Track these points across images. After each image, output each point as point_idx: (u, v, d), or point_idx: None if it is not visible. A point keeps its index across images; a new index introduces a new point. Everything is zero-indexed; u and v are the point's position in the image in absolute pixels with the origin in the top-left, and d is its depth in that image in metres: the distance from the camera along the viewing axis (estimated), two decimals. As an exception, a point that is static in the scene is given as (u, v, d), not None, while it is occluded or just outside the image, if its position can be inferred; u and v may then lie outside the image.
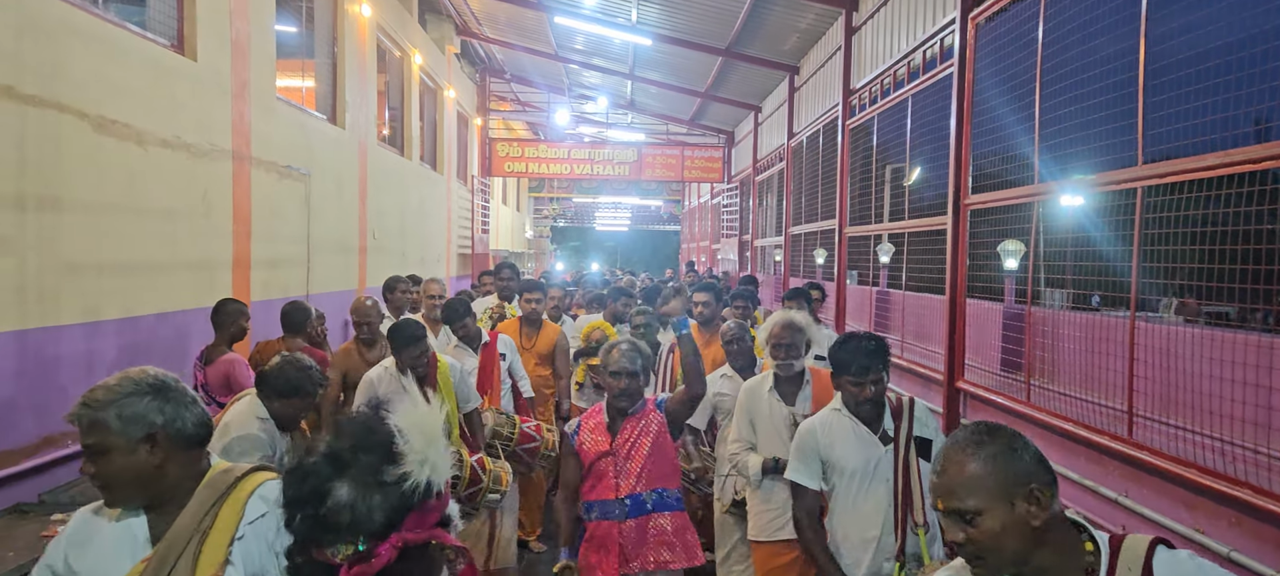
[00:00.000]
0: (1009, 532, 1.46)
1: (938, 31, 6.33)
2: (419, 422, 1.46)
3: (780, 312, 3.71)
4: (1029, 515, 1.45)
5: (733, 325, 4.27)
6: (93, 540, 1.87)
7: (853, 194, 8.82)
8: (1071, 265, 4.70)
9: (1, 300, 3.93)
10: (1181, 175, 3.51)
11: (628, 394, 3.15)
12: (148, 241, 5.15)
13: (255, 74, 6.57)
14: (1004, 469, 1.47)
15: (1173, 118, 3.62)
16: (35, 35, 4.11)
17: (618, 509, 3.12)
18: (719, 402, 4.11)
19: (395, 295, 6.24)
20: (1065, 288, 4.84)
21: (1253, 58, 3.17)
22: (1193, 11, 3.65)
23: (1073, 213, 4.73)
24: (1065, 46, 4.56)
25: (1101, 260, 4.43)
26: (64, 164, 4.34)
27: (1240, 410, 3.08)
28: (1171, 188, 3.64)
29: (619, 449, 3.15)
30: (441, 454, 1.47)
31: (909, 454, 2.88)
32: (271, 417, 3.11)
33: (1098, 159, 4.25)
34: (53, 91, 4.23)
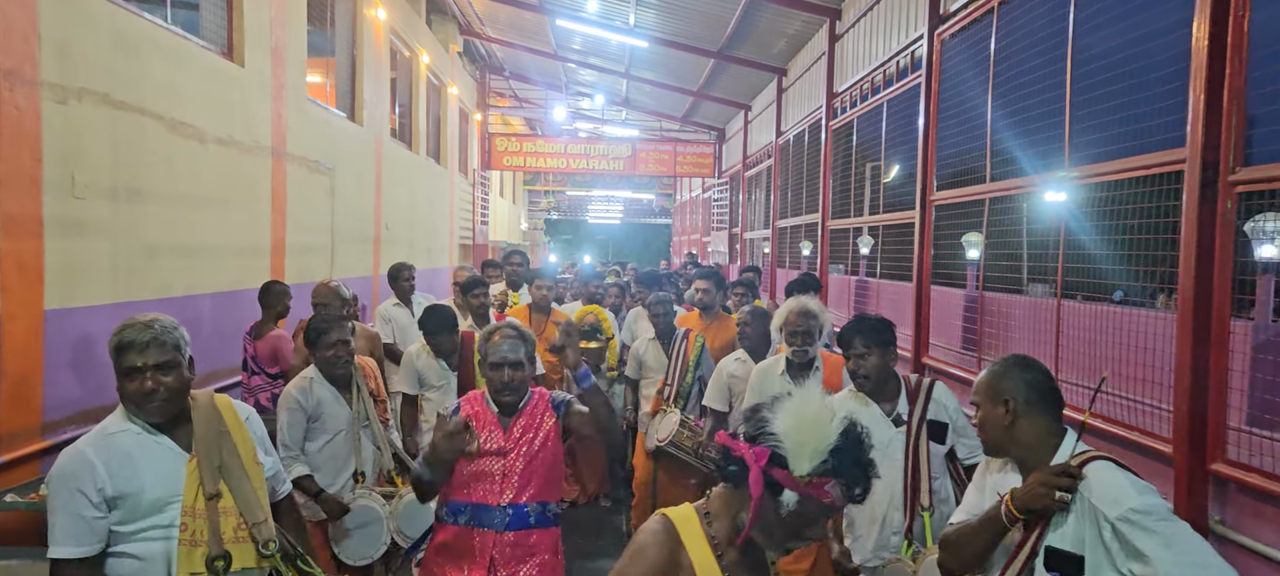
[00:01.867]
0: (989, 424, 2.21)
1: (908, 44, 7.03)
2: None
3: (795, 299, 3.88)
4: (1001, 415, 2.16)
5: (748, 309, 4.62)
6: (134, 457, 2.24)
7: (835, 189, 9.52)
8: (1024, 256, 5.40)
9: (99, 277, 4.58)
10: (1098, 177, 4.21)
11: (512, 387, 2.78)
12: (206, 228, 5.80)
13: (290, 77, 7.21)
14: (994, 382, 2.20)
15: (1094, 126, 4.33)
16: (125, 49, 4.76)
17: (498, 517, 2.70)
18: (732, 384, 4.43)
19: (399, 283, 6.74)
20: (1045, 281, 5.45)
21: (1148, 68, 3.87)
22: (1108, 28, 4.35)
23: (1031, 207, 5.42)
24: (1013, 62, 5.25)
25: (1041, 250, 5.13)
26: (144, 160, 4.98)
27: (1134, 371, 3.79)
28: (1113, 185, 4.29)
29: (509, 448, 2.76)
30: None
31: (920, 436, 3.01)
32: (321, 371, 3.67)
33: (1038, 160, 4.95)
34: (137, 97, 4.87)
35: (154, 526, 2.25)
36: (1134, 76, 4.01)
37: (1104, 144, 4.30)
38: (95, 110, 4.48)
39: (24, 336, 3.97)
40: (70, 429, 4.25)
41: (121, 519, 2.22)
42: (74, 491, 2.16)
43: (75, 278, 4.36)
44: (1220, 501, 3.29)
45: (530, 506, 2.73)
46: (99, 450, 2.21)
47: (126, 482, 2.21)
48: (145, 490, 2.23)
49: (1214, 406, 3.26)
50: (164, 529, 2.26)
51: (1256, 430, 3.17)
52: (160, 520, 2.26)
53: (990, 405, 2.20)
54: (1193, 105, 3.37)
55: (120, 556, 2.24)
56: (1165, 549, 1.88)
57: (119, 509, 2.21)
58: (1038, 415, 2.17)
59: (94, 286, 4.53)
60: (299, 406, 3.56)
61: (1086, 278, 4.39)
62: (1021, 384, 2.18)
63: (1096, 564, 2.02)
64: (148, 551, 2.25)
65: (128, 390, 2.26)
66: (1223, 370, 3.24)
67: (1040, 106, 4.82)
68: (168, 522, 2.26)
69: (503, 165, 18.17)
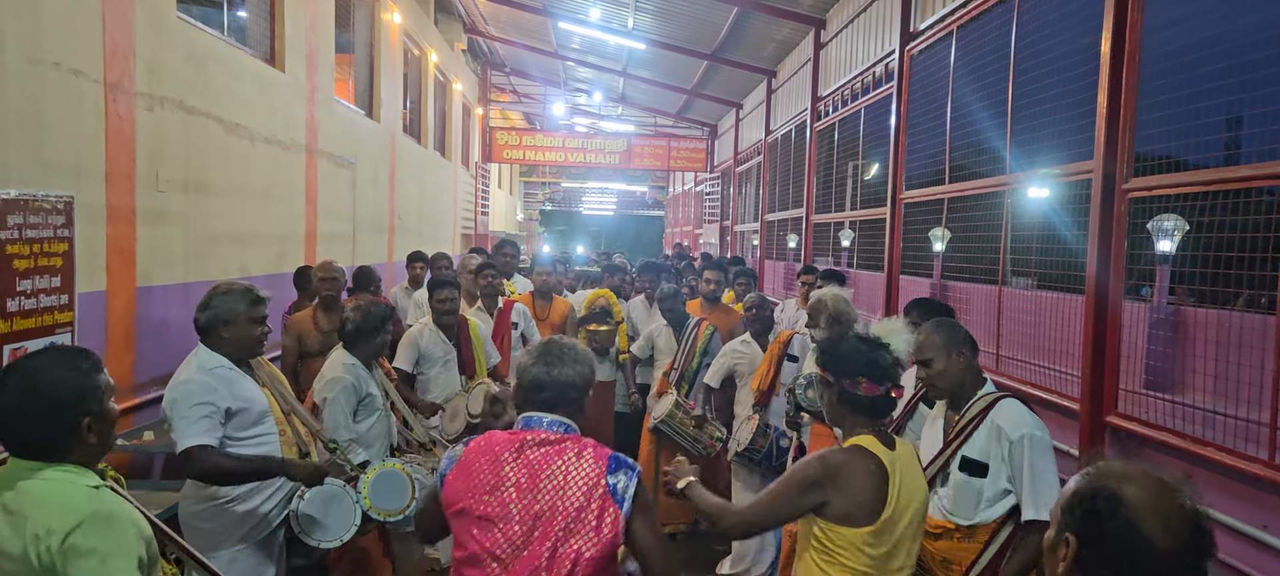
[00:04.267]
0: (949, 373, 2.85)
1: (882, 57, 7.78)
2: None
3: (832, 290, 4.43)
4: (959, 363, 2.84)
5: (755, 295, 5.16)
6: (237, 382, 3.00)
7: (818, 186, 10.27)
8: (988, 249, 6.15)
9: (175, 260, 5.29)
10: (1027, 182, 4.97)
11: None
12: (254, 218, 6.51)
13: (321, 80, 7.91)
14: (948, 340, 2.87)
15: (1030, 136, 5.09)
16: (194, 61, 5.47)
17: None
18: (737, 364, 5.02)
19: (413, 268, 7.44)
20: (1029, 276, 6.11)
21: (1069, 81, 4.62)
22: (1043, 52, 5.09)
23: (989, 207, 6.17)
24: (969, 78, 6.01)
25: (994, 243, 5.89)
26: (208, 158, 5.69)
27: (1051, 344, 4.56)
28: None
29: (527, 498, 2.08)
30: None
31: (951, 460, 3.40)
32: (359, 361, 3.82)
33: (987, 165, 5.71)
34: (204, 103, 5.58)
35: (266, 431, 3.09)
36: (1064, 93, 4.77)
37: (1039, 152, 5.07)
38: (173, 115, 5.19)
39: (122, 309, 4.69)
40: (153, 389, 4.96)
41: (237, 425, 2.98)
42: (205, 401, 2.87)
43: (157, 260, 5.07)
44: (1115, 446, 4.06)
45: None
46: (214, 376, 2.96)
47: (240, 399, 3.00)
48: (253, 404, 3.04)
49: (1109, 371, 4.03)
50: (270, 433, 3.10)
51: (1150, 392, 3.94)
52: (264, 427, 3.09)
53: (939, 357, 2.90)
54: (1098, 119, 4.12)
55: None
56: (1029, 474, 2.67)
57: (235, 417, 2.98)
58: (970, 362, 2.92)
59: (171, 268, 5.25)
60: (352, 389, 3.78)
61: (1022, 270, 5.16)
62: (964, 338, 2.93)
63: (996, 472, 2.79)
64: (260, 452, 3.05)
65: (254, 333, 3.09)
66: (1116, 342, 4.01)
67: (990, 118, 5.57)
68: (269, 429, 3.10)
69: (503, 158, 18.86)
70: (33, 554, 1.73)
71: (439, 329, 4.92)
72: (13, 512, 1.77)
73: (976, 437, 2.83)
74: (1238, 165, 3.52)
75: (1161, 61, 4.01)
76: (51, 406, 1.83)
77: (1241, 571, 3.17)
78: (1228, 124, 3.79)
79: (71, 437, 1.85)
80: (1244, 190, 3.29)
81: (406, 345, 4.86)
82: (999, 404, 2.86)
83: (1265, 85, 3.31)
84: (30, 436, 1.83)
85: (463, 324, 5.00)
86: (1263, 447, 3.09)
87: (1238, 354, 3.32)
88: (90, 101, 4.35)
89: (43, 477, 1.82)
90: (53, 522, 1.74)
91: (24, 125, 3.86)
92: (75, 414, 1.85)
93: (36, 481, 1.81)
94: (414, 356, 4.85)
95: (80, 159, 4.29)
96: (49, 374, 1.85)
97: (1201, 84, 3.67)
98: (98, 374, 1.92)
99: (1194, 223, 3.87)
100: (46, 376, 1.85)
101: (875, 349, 2.46)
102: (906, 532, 2.34)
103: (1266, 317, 3.24)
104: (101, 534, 1.76)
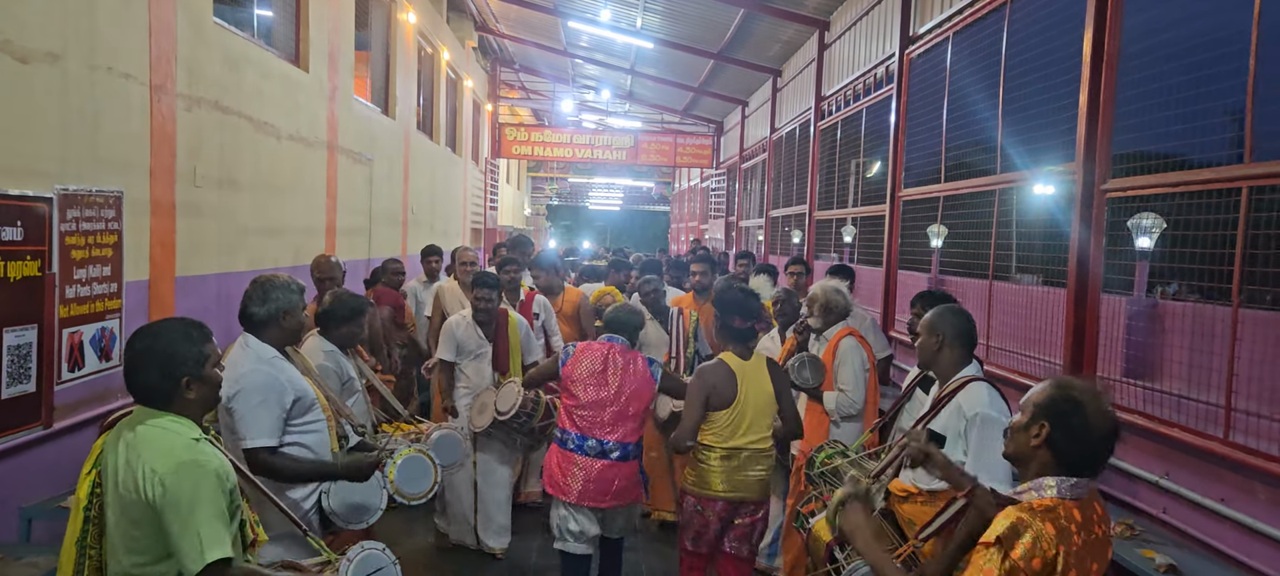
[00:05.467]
0: (925, 348, 3.17)
1: (883, 60, 8.05)
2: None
3: (824, 282, 4.72)
4: (933, 343, 3.15)
5: (781, 289, 5.42)
6: (292, 372, 3.13)
7: (821, 183, 10.55)
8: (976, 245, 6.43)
9: (209, 251, 5.60)
10: (1016, 183, 5.25)
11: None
12: (280, 212, 6.82)
13: (341, 80, 8.21)
14: (933, 321, 3.17)
15: (1020, 137, 5.37)
16: (229, 63, 5.77)
17: (609, 448, 3.89)
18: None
19: (429, 261, 7.73)
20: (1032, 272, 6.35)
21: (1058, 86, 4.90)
22: (1032, 57, 5.36)
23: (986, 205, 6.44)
24: (964, 82, 6.28)
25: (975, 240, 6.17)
26: (239, 155, 6.00)
27: (1036, 334, 4.84)
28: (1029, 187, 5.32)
29: (612, 397, 3.90)
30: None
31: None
32: (335, 347, 3.95)
33: (981, 165, 5.99)
34: (236, 103, 5.88)
35: (316, 420, 3.24)
36: (1052, 97, 5.04)
37: (1028, 153, 5.35)
38: (209, 115, 5.50)
39: (165, 297, 5.00)
40: (191, 373, 5.27)
41: (296, 414, 3.13)
42: (273, 398, 2.97)
43: (194, 251, 5.38)
44: (1092, 431, 4.34)
45: (629, 447, 3.98)
46: (274, 366, 3.06)
47: (297, 388, 3.12)
48: (306, 393, 3.20)
49: (1088, 357, 4.31)
50: (320, 421, 3.26)
51: (1128, 379, 4.23)
52: (314, 415, 3.23)
53: (928, 336, 3.21)
54: (1079, 123, 4.40)
55: (298, 447, 3.15)
56: (975, 450, 2.96)
57: (296, 407, 3.13)
58: (957, 348, 3.20)
59: (206, 258, 5.56)
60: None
61: (1025, 266, 5.45)
62: (950, 325, 3.22)
63: (952, 444, 3.08)
64: (315, 441, 3.22)
65: (300, 321, 3.25)
66: (1095, 333, 4.30)
67: (983, 121, 5.85)
68: (319, 416, 3.25)
69: (512, 154, 19.16)
70: (140, 486, 2.08)
71: (476, 324, 5.08)
72: (131, 448, 2.13)
73: (944, 414, 3.13)
74: (1207, 167, 3.80)
75: (1166, 62, 4.26)
76: (162, 362, 2.17)
77: (1203, 542, 3.46)
78: (1204, 127, 4.07)
79: (176, 391, 2.19)
80: (1206, 191, 3.57)
81: (445, 336, 5.07)
82: (968, 386, 3.15)
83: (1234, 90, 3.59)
84: (146, 384, 2.18)
85: (501, 319, 5.11)
86: (1220, 427, 3.38)
87: (1203, 343, 3.60)
88: (137, 103, 4.65)
89: (155, 424, 2.16)
90: (155, 463, 2.08)
91: (82, 125, 4.17)
92: (180, 372, 2.18)
93: (150, 426, 2.16)
94: (453, 347, 5.05)
95: (128, 156, 4.59)
96: (165, 337, 2.21)
97: (1186, 83, 3.93)
98: (204, 344, 2.26)
99: (1171, 221, 4.15)
100: (163, 339, 2.20)
101: (748, 297, 3.82)
102: (751, 414, 3.71)
103: (1223, 309, 3.52)
104: (191, 480, 2.08)
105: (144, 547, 2.12)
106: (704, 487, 3.75)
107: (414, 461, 3.61)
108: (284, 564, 2.53)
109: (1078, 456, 2.04)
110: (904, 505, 3.28)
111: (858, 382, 4.36)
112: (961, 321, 3.26)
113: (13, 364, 3.65)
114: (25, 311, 3.73)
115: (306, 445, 3.19)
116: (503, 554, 5.25)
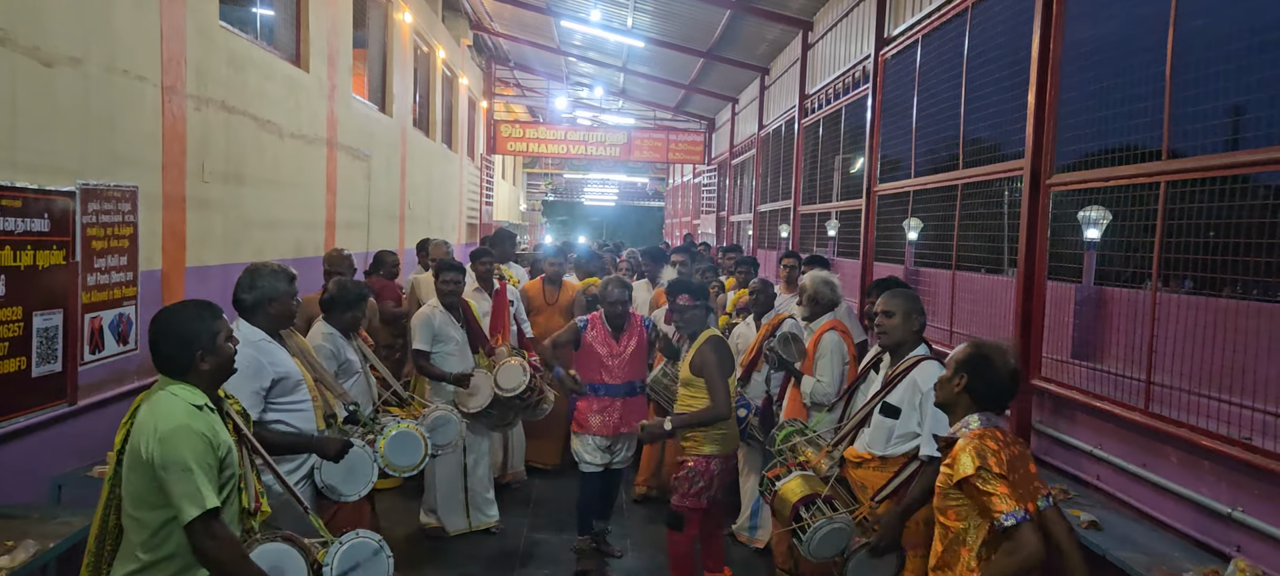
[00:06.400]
0: (893, 326, 3.51)
1: (860, 60, 8.38)
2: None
3: (815, 274, 5.00)
4: (899, 323, 3.50)
5: (759, 280, 5.66)
6: (276, 353, 3.38)
7: (806, 179, 10.88)
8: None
9: (216, 243, 5.92)
10: (977, 177, 5.59)
11: (618, 314, 4.87)
12: (282, 206, 7.14)
13: (340, 79, 8.53)
14: (908, 305, 3.52)
15: (982, 133, 5.71)
16: (234, 65, 6.09)
17: (621, 389, 4.93)
18: (737, 343, 5.57)
19: (427, 254, 8.07)
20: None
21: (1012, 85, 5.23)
22: (998, 61, 5.70)
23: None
24: (932, 82, 6.62)
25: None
26: (244, 152, 6.32)
27: (991, 319, 5.18)
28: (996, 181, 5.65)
29: (621, 350, 4.94)
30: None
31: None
32: (336, 331, 4.33)
33: (947, 161, 6.32)
34: (241, 102, 6.20)
35: (301, 399, 3.51)
36: (1007, 98, 5.38)
37: (987, 150, 5.69)
38: (216, 114, 5.82)
39: (175, 287, 5.32)
40: (200, 358, 5.59)
41: (279, 393, 3.39)
42: (251, 376, 3.22)
43: (202, 243, 5.70)
44: (1040, 405, 4.69)
45: (636, 382, 5.01)
46: (258, 349, 3.32)
47: (280, 368, 3.39)
48: (291, 373, 3.48)
49: (1035, 340, 4.65)
50: (305, 401, 3.53)
51: (1074, 359, 4.57)
52: (300, 395, 3.51)
53: (904, 317, 3.56)
54: (1028, 121, 4.74)
55: (282, 425, 3.41)
56: (929, 422, 3.30)
57: (278, 385, 3.40)
58: (914, 323, 3.54)
59: (212, 250, 5.88)
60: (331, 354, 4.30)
61: (973, 255, 5.79)
62: (918, 308, 3.56)
63: (907, 416, 3.43)
64: (299, 419, 3.49)
65: (291, 308, 3.52)
66: (1041, 316, 4.64)
67: (948, 119, 6.19)
68: (305, 396, 3.53)
69: (507, 150, 19.47)
70: (143, 445, 2.37)
71: (447, 310, 5.33)
72: (148, 409, 2.45)
73: (899, 388, 3.47)
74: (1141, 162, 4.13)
75: (1099, 67, 4.62)
76: (179, 337, 2.50)
77: (1128, 503, 3.80)
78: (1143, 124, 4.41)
79: (191, 362, 2.51)
80: (1130, 186, 3.91)
81: (422, 326, 5.24)
82: (921, 364, 3.49)
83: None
84: (167, 356, 2.51)
85: (464, 307, 5.43)
86: (1140, 398, 3.72)
87: (1130, 325, 3.95)
88: (150, 103, 4.98)
89: (167, 390, 2.48)
90: (157, 424, 2.38)
91: (101, 124, 4.50)
92: (195, 346, 2.51)
93: (162, 392, 2.48)
94: (428, 335, 5.26)
95: (142, 153, 4.91)
96: (181, 315, 2.55)
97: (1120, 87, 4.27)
98: (215, 321, 2.58)
99: (1115, 214, 4.50)
100: (179, 316, 2.54)
101: (693, 282, 4.58)
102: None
103: (1143, 293, 3.87)
104: (184, 441, 2.36)
105: (139, 496, 2.41)
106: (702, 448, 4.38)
107: (404, 436, 3.85)
108: (284, 534, 2.77)
109: (991, 398, 2.70)
110: (857, 470, 3.66)
111: (834, 377, 4.61)
112: (916, 305, 3.61)
113: (41, 345, 3.98)
114: (52, 297, 4.05)
115: (290, 423, 3.44)
116: (497, 527, 5.59)
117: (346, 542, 2.80)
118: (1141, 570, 3.10)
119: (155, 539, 2.42)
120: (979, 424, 2.67)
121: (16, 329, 3.80)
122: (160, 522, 2.41)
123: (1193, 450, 3.41)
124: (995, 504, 2.48)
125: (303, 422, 3.50)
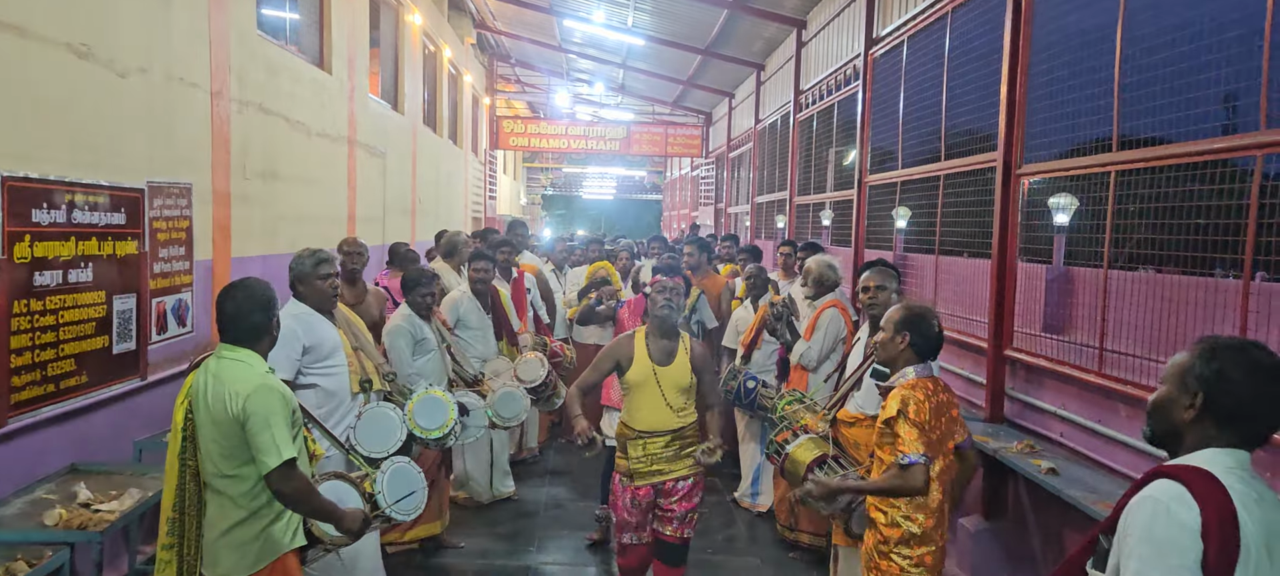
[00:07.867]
0: (885, 301, 4.02)
1: (851, 58, 8.86)
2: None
3: (818, 258, 5.48)
4: (884, 298, 4.02)
5: (755, 266, 6.21)
6: (314, 324, 3.84)
7: (800, 171, 11.36)
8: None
9: (255, 236, 6.40)
10: (956, 169, 6.08)
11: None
12: (309, 201, 7.61)
13: (358, 80, 9.00)
14: (885, 281, 4.04)
15: (961, 128, 6.20)
16: (270, 70, 6.56)
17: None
18: (738, 326, 6.17)
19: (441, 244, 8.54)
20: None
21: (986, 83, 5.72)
22: (975, 59, 6.18)
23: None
24: (916, 79, 7.10)
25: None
26: (278, 151, 6.79)
27: (970, 298, 5.67)
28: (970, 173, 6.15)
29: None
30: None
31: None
32: (413, 311, 4.90)
33: (930, 153, 6.80)
34: (275, 105, 6.68)
35: (336, 364, 3.97)
36: (983, 94, 5.86)
37: (982, 138, 6.17)
38: (255, 116, 6.29)
39: (222, 276, 5.80)
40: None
41: (313, 359, 3.86)
42: (287, 343, 3.59)
43: (243, 236, 6.18)
44: (1013, 374, 5.19)
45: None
46: (296, 320, 3.80)
47: (313, 336, 3.86)
48: (324, 342, 3.93)
49: (1007, 316, 5.15)
50: (340, 365, 3.99)
51: (1043, 332, 5.06)
52: (335, 360, 3.97)
53: (887, 292, 4.06)
54: (1000, 114, 5.22)
55: (315, 387, 3.91)
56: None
57: (310, 352, 3.87)
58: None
59: (252, 242, 6.36)
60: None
61: (956, 240, 6.28)
62: (897, 286, 4.06)
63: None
64: (332, 382, 3.96)
65: (322, 287, 3.96)
66: (1013, 295, 5.14)
67: (931, 114, 6.68)
68: (340, 362, 3.99)
69: (509, 145, 19.93)
70: (227, 405, 2.77)
71: (475, 297, 5.69)
72: (216, 377, 2.83)
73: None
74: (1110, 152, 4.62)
75: (1062, 64, 5.11)
76: (264, 304, 2.92)
77: (1086, 455, 4.30)
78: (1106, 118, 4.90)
79: (268, 327, 2.94)
80: (1088, 175, 4.40)
81: (447, 305, 5.62)
82: None
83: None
84: (249, 323, 2.88)
85: (494, 293, 5.80)
86: (1096, 362, 4.22)
87: (1093, 300, 4.44)
88: (201, 107, 5.45)
89: (235, 357, 2.86)
90: (237, 387, 2.78)
91: (163, 127, 4.97)
92: (273, 313, 2.96)
93: (231, 360, 2.86)
94: (454, 316, 5.59)
95: (195, 153, 5.39)
96: (258, 286, 2.95)
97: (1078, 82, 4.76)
98: (276, 295, 3.02)
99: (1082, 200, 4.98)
100: (258, 287, 2.94)
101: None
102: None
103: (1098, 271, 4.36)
104: (266, 399, 2.78)
105: (231, 453, 2.77)
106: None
107: (431, 401, 4.14)
108: (334, 473, 3.27)
109: (927, 351, 3.19)
110: (850, 430, 4.16)
111: (824, 347, 5.15)
112: (897, 282, 4.11)
113: (120, 326, 4.46)
114: (128, 283, 4.54)
115: (321, 385, 3.91)
116: (515, 495, 6.11)
117: (388, 469, 3.34)
118: (1089, 504, 3.59)
119: (257, 487, 2.82)
120: (914, 374, 3.15)
121: (101, 310, 4.29)
122: (259, 475, 2.78)
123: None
124: (901, 444, 3.00)
125: (337, 387, 3.95)
